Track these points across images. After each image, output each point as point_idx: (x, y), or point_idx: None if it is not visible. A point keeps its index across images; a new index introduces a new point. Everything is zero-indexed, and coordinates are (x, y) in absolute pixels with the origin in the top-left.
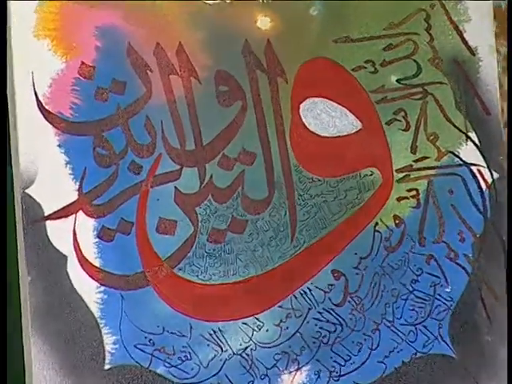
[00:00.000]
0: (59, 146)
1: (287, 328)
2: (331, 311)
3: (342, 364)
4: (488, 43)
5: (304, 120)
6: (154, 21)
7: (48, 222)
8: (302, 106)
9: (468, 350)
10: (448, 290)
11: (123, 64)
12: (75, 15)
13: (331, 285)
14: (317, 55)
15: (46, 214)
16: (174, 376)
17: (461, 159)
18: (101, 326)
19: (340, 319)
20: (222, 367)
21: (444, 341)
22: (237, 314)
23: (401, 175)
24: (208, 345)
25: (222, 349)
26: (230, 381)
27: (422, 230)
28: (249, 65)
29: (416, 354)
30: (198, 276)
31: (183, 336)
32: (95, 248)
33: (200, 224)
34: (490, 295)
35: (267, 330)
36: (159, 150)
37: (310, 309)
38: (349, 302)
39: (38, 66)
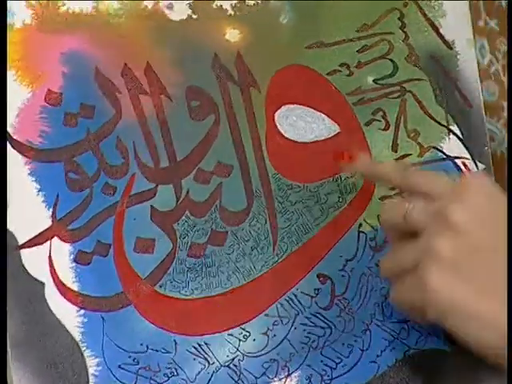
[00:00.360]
0: (30, 174)
1: (275, 335)
2: (319, 315)
3: (334, 367)
4: (465, 36)
5: (280, 128)
6: (120, 42)
7: (23, 251)
8: (276, 114)
9: None
10: None
11: (91, 88)
12: (39, 43)
13: (317, 289)
14: (289, 63)
15: (20, 243)
16: None
17: (444, 153)
18: (83, 349)
19: (328, 322)
20: (209, 380)
21: (437, 335)
22: (222, 326)
23: None
24: (194, 359)
25: (208, 362)
26: None
27: None
28: (220, 78)
29: (409, 350)
30: (179, 291)
31: (168, 352)
32: (72, 272)
33: (179, 240)
34: None
35: (254, 340)
36: (133, 169)
37: (297, 314)
38: (336, 304)
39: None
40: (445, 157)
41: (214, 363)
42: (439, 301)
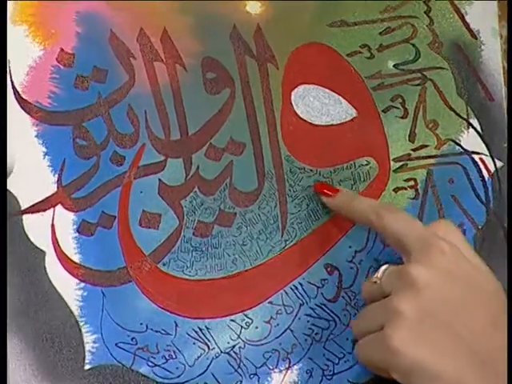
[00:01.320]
0: (37, 136)
1: (277, 325)
2: (324, 307)
3: (336, 362)
4: (491, 26)
5: (296, 108)
6: (138, 6)
7: (25, 216)
8: (293, 93)
9: None
10: None
11: (105, 51)
12: (54, 0)
13: (324, 279)
14: (310, 40)
15: (22, 208)
16: (158, 376)
17: (462, 147)
18: (80, 324)
19: (333, 315)
20: (208, 366)
21: None
22: (224, 310)
23: (398, 165)
24: (194, 343)
25: (208, 347)
26: (216, 380)
27: (421, 222)
28: (237, 51)
29: None
30: (183, 271)
31: (168, 334)
32: (75, 243)
33: (185, 217)
34: None
35: (256, 327)
36: (142, 140)
37: (301, 305)
38: (342, 297)
39: (14, 53)
40: (462, 151)
41: (214, 349)
42: (401, 362)
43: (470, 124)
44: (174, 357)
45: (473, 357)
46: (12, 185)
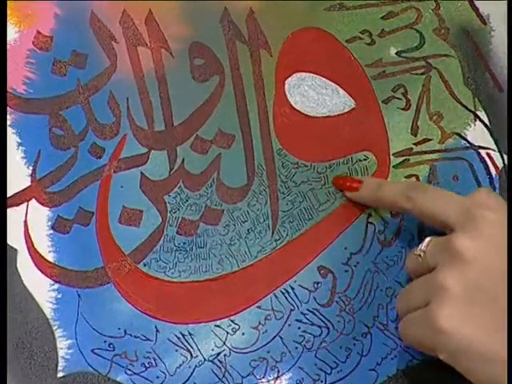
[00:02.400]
0: (11, 125)
1: (266, 331)
2: (316, 312)
3: (328, 372)
4: (501, 12)
5: (290, 98)
6: None
7: None
8: (287, 81)
9: None
10: None
11: (85, 34)
12: None
13: (317, 283)
14: (306, 25)
15: None
16: None
17: (468, 141)
18: (54, 328)
19: (326, 321)
20: (191, 375)
21: None
22: (209, 315)
23: (399, 160)
24: (176, 350)
25: (191, 354)
26: None
27: (422, 223)
28: (228, 36)
29: (412, 360)
30: (165, 272)
31: (148, 340)
32: (49, 241)
33: (169, 214)
34: None
35: (243, 334)
36: (124, 130)
37: (292, 310)
38: (336, 302)
39: None
40: (468, 145)
41: (197, 356)
42: (448, 342)
43: (477, 116)
44: (154, 364)
45: None
46: None
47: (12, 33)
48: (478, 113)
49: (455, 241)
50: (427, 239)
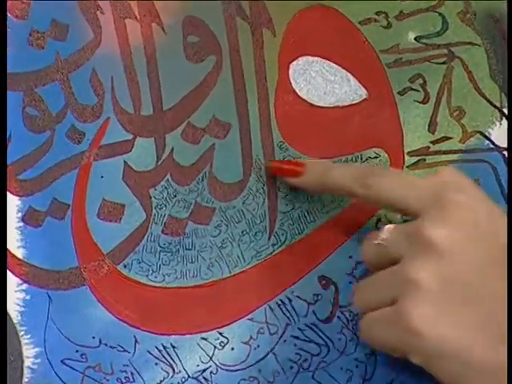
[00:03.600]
0: None
1: (258, 347)
2: (315, 328)
3: None
4: None
5: (294, 84)
6: None
7: None
8: (292, 65)
9: None
10: None
11: (66, 2)
12: None
13: (317, 295)
14: (315, 3)
15: None
16: None
17: (492, 142)
18: (20, 334)
19: (326, 339)
20: None
21: None
22: (195, 326)
23: (414, 159)
24: (156, 364)
25: (173, 370)
26: None
27: None
28: (227, 11)
29: None
30: (147, 276)
31: (125, 351)
32: (18, 234)
33: (154, 210)
34: None
35: (232, 349)
36: (107, 113)
37: (288, 324)
38: (338, 317)
39: None
40: (492, 146)
41: (179, 372)
42: (423, 345)
43: (503, 114)
44: (131, 379)
45: (500, 329)
46: None
47: None
48: (505, 110)
49: (425, 229)
50: (387, 226)
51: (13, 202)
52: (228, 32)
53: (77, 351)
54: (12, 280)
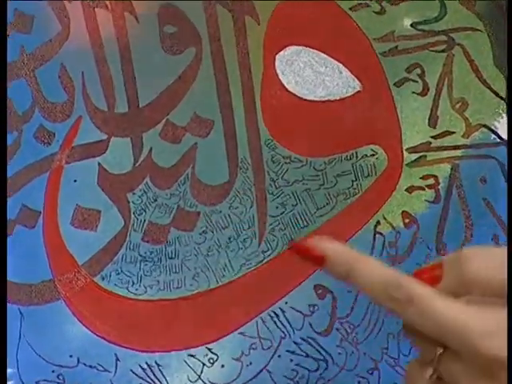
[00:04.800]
0: None
1: (250, 363)
2: (312, 342)
3: None
4: None
5: (281, 76)
6: None
7: None
8: (278, 56)
9: None
10: None
11: None
12: None
13: (313, 305)
14: None
15: None
16: None
17: (498, 136)
18: None
19: (324, 353)
20: None
21: None
22: (181, 342)
23: (414, 156)
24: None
25: None
26: None
27: (442, 233)
28: None
29: None
30: (127, 288)
31: (106, 371)
32: None
33: (133, 216)
34: None
35: (223, 366)
36: (79, 111)
37: (282, 338)
38: (337, 329)
39: None
40: (499, 141)
41: None
42: None
43: (509, 105)
44: None
45: None
46: None
47: None
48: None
49: (487, 350)
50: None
51: None
52: (208, 20)
53: (53, 371)
54: None
